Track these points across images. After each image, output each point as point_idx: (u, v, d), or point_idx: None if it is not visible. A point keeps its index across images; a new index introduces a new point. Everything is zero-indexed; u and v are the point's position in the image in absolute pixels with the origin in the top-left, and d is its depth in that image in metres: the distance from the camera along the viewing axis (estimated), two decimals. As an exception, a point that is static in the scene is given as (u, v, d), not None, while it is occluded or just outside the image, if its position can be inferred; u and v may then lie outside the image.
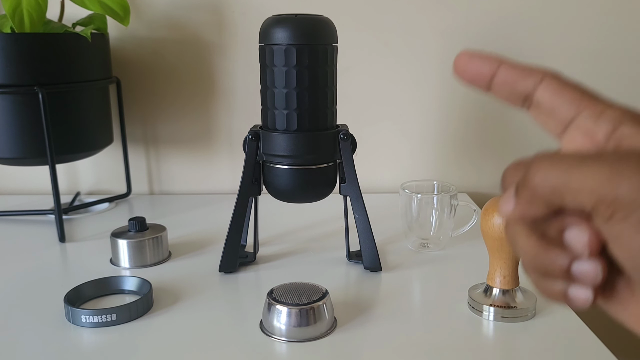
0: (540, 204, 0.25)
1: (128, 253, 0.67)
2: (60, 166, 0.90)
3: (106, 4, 0.80)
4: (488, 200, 0.55)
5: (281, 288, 0.54)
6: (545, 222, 0.26)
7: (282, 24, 0.58)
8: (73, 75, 0.78)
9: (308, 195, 0.65)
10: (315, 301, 0.52)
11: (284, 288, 0.54)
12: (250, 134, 0.62)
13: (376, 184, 1.00)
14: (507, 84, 0.30)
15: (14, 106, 0.75)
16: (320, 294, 0.53)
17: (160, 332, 0.53)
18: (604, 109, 0.27)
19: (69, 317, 0.55)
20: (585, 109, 0.28)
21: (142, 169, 1.02)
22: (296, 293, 0.53)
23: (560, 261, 0.25)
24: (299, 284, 0.55)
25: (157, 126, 1.00)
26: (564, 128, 0.29)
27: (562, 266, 0.25)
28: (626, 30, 0.93)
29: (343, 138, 0.62)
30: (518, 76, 0.30)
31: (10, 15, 0.72)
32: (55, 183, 0.77)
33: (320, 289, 0.54)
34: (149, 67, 0.97)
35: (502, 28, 0.93)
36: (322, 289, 0.54)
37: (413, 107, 0.97)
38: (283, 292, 0.53)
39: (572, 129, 0.29)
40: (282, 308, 0.51)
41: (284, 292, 0.53)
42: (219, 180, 1.02)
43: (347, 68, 0.90)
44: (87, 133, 0.82)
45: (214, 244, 0.74)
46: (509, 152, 0.98)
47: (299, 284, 0.55)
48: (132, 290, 0.61)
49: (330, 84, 0.61)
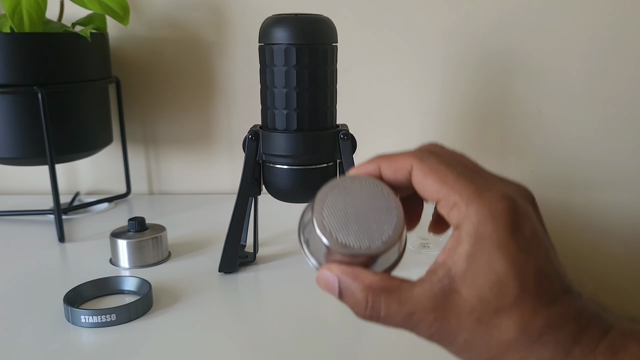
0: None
1: (127, 253, 0.67)
2: (59, 166, 0.90)
3: (106, 4, 0.80)
4: (488, 200, 0.55)
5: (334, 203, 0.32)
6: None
7: (282, 23, 0.58)
8: (72, 75, 0.78)
9: (308, 195, 0.64)
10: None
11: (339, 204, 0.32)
12: (250, 134, 0.62)
13: (376, 184, 0.99)
14: (391, 181, 0.33)
15: (13, 106, 0.74)
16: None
17: (160, 332, 0.53)
18: (455, 202, 0.30)
19: (68, 318, 0.55)
20: (441, 200, 0.31)
21: (141, 169, 1.01)
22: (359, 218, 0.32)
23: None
24: (371, 193, 0.32)
25: (157, 126, 0.99)
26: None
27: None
28: (626, 30, 0.93)
29: (343, 138, 0.62)
30: (393, 172, 0.33)
31: (10, 14, 0.72)
32: (55, 183, 0.77)
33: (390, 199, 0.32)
34: (149, 67, 0.96)
35: (502, 28, 0.93)
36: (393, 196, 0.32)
37: (413, 106, 0.97)
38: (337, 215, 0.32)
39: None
40: (326, 242, 0.31)
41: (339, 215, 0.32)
42: (219, 180, 1.02)
43: (348, 68, 0.90)
44: (87, 133, 0.82)
45: (214, 244, 0.74)
46: (509, 152, 0.98)
47: (371, 193, 0.32)
48: (131, 291, 0.61)
49: (330, 83, 0.61)
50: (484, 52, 0.94)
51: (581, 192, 1.00)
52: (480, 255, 0.29)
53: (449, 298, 0.29)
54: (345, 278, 0.31)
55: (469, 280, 0.29)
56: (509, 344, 0.29)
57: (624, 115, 0.97)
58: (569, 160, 0.99)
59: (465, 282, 0.29)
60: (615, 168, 0.99)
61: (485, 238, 0.29)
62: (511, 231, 0.29)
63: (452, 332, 0.29)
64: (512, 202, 0.30)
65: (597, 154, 0.98)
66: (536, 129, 0.97)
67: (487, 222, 0.29)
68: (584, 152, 0.98)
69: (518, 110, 0.97)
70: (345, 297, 0.31)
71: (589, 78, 0.95)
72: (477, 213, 0.29)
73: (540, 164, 0.99)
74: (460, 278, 0.29)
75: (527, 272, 0.29)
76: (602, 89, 0.96)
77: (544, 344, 0.28)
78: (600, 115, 0.97)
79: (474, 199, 0.30)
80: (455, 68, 0.95)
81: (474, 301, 0.29)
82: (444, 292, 0.29)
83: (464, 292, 0.29)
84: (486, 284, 0.29)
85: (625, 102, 0.96)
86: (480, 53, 0.94)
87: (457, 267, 0.29)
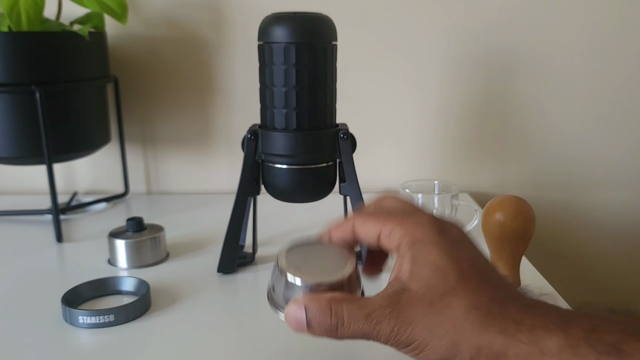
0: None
1: (126, 253, 0.67)
2: (57, 166, 0.90)
3: (104, 2, 0.80)
4: (489, 200, 0.55)
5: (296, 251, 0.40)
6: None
7: (282, 22, 0.57)
8: (70, 73, 0.78)
9: (307, 195, 0.64)
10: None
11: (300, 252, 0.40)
12: (249, 133, 0.62)
13: (376, 184, 0.99)
14: (347, 240, 0.40)
15: (10, 105, 0.74)
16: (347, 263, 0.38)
17: (158, 333, 0.53)
18: (391, 229, 0.36)
19: (66, 318, 0.54)
20: (380, 234, 0.37)
21: (140, 169, 1.01)
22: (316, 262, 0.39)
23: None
24: (319, 244, 0.40)
25: (155, 125, 0.99)
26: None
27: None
28: (627, 30, 0.93)
29: (343, 137, 0.62)
30: (343, 233, 0.40)
31: (8, 13, 0.72)
32: (53, 183, 0.76)
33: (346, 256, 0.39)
34: (147, 66, 0.96)
35: (502, 27, 0.93)
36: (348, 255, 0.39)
37: (413, 106, 0.97)
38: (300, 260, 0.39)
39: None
40: (295, 280, 0.37)
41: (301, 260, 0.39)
42: (218, 179, 1.01)
43: (347, 66, 0.89)
44: (85, 132, 0.82)
45: (213, 244, 0.74)
46: (510, 151, 0.98)
47: (319, 244, 0.40)
48: (129, 291, 0.60)
49: (329, 82, 0.61)
50: (483, 51, 0.94)
51: (581, 191, 1.00)
52: (419, 254, 0.35)
53: (402, 295, 0.34)
54: (311, 303, 0.35)
55: (414, 276, 0.34)
56: (464, 319, 0.32)
57: (624, 114, 0.97)
58: (569, 159, 0.99)
59: (412, 279, 0.34)
60: (614, 167, 0.99)
61: (419, 241, 0.35)
62: (439, 232, 0.35)
63: (410, 323, 0.33)
64: (435, 216, 0.37)
65: (597, 153, 0.98)
66: (537, 129, 0.97)
67: (416, 231, 0.35)
68: (583, 151, 0.98)
69: (518, 109, 0.96)
70: (312, 321, 0.35)
71: (589, 77, 0.95)
72: (408, 226, 0.36)
73: (540, 163, 0.99)
74: (407, 278, 0.34)
75: (462, 261, 0.34)
76: (602, 88, 0.95)
77: (494, 317, 0.31)
78: (600, 114, 0.97)
79: (405, 219, 0.36)
80: (455, 67, 0.95)
81: (422, 290, 0.33)
82: (397, 292, 0.34)
83: (413, 286, 0.34)
84: (429, 273, 0.34)
85: (625, 102, 0.96)
86: (480, 52, 0.94)
87: (403, 272, 0.35)
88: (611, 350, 0.28)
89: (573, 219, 1.01)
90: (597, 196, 1.00)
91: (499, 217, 0.52)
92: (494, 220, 0.53)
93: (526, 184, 0.99)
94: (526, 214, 0.52)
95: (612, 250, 1.02)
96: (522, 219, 0.52)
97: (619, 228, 1.01)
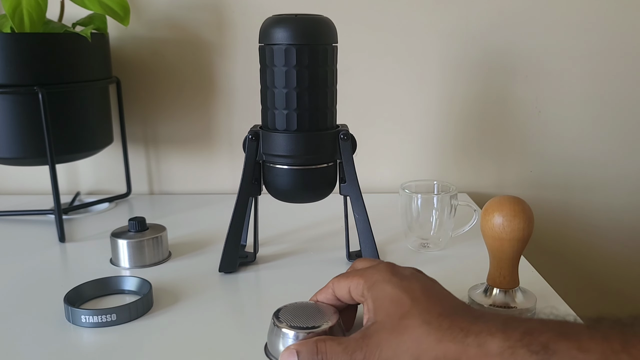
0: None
1: (128, 253, 0.67)
2: (60, 166, 0.90)
3: (106, 4, 0.80)
4: (488, 200, 0.55)
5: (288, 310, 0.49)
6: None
7: (282, 23, 0.58)
8: (73, 75, 0.78)
9: (308, 195, 0.65)
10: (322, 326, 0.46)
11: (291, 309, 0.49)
12: (250, 134, 0.62)
13: (376, 184, 1.00)
14: (330, 301, 0.49)
15: (14, 106, 0.75)
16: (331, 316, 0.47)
17: (160, 332, 0.53)
18: (357, 282, 0.45)
19: (69, 317, 0.55)
20: (350, 287, 0.46)
21: (142, 169, 1.02)
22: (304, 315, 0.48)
23: None
24: (306, 304, 0.49)
25: (157, 126, 1.00)
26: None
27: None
28: (624, 33, 0.93)
29: (343, 138, 0.62)
30: (326, 296, 0.49)
31: (10, 15, 0.72)
32: (55, 183, 0.77)
33: (330, 310, 0.48)
34: (149, 67, 0.97)
35: (502, 28, 0.93)
36: (332, 310, 0.48)
37: (413, 107, 0.97)
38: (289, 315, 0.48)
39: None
40: (289, 332, 0.45)
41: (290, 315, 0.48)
42: (219, 180, 1.02)
43: (348, 68, 0.90)
44: (87, 133, 0.82)
45: (214, 244, 0.74)
46: (509, 152, 0.98)
47: (306, 304, 0.49)
48: (132, 291, 0.61)
49: (330, 83, 0.61)
50: (483, 52, 0.95)
51: (579, 191, 1.00)
52: (377, 292, 0.43)
53: (370, 327, 0.41)
54: (301, 347, 0.42)
55: (377, 310, 0.42)
56: (420, 335, 0.38)
57: (623, 115, 0.97)
58: (568, 160, 0.99)
59: (375, 312, 0.42)
60: (613, 168, 0.99)
61: (376, 282, 0.43)
62: (392, 273, 0.44)
63: (377, 346, 0.39)
64: (390, 263, 0.46)
65: (596, 154, 0.99)
66: (535, 129, 0.98)
67: (373, 275, 0.44)
68: (583, 152, 0.99)
69: (517, 110, 0.97)
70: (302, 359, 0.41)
71: (588, 79, 0.95)
72: (368, 275, 0.45)
73: (540, 164, 0.99)
74: (373, 314, 0.42)
75: (414, 290, 0.41)
76: (601, 89, 0.96)
77: (445, 329, 0.37)
78: (599, 115, 0.97)
79: (366, 271, 0.45)
80: (455, 69, 0.95)
81: (384, 319, 0.40)
82: (367, 326, 0.41)
83: (378, 318, 0.41)
84: (387, 304, 0.41)
85: (624, 103, 0.96)
86: (480, 54, 0.95)
87: (369, 310, 0.42)
88: (541, 350, 0.32)
89: (571, 219, 1.01)
90: (595, 196, 1.00)
91: (498, 218, 0.53)
92: (493, 221, 0.53)
93: (525, 185, 1.00)
94: (525, 214, 0.53)
95: (610, 250, 1.02)
96: (521, 219, 0.52)
97: (617, 228, 1.01)
